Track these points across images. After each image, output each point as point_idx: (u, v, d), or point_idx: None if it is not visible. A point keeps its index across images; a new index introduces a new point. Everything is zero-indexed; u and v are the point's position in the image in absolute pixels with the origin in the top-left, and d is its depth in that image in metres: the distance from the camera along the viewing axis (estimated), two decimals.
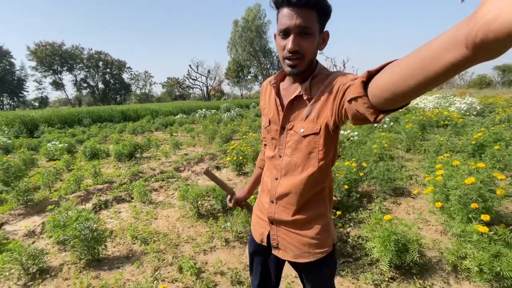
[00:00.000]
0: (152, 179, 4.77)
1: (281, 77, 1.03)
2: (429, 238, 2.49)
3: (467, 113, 9.90)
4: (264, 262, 1.15)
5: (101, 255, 2.52)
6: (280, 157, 1.00)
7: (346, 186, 3.11)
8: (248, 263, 1.29)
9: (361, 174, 3.52)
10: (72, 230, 2.30)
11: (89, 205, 3.69)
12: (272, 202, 1.02)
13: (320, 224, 0.98)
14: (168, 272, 2.26)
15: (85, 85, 55.37)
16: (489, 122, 7.63)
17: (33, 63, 47.84)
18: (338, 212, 2.54)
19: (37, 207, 3.81)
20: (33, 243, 2.88)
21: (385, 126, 8.03)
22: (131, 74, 62.54)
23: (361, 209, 3.12)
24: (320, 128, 0.88)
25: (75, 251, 2.38)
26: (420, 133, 6.50)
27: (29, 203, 3.83)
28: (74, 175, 4.52)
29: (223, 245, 2.62)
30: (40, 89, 51.34)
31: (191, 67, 45.01)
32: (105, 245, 2.65)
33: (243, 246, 2.60)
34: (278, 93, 1.01)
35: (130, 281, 2.15)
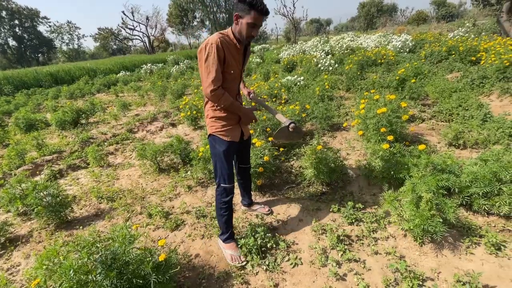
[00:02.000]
0: (105, 143, 4.68)
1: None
2: (354, 160, 3.12)
3: (401, 50, 10.84)
4: (234, 151, 1.90)
5: (69, 218, 2.66)
6: (240, 90, 1.93)
7: None
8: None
9: (303, 115, 3.97)
10: (32, 199, 2.36)
11: (41, 177, 3.60)
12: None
13: None
14: (139, 220, 2.55)
15: None
16: (416, 58, 8.59)
17: None
18: (282, 149, 2.98)
19: None
20: None
21: (330, 68, 8.52)
22: (50, 26, 51.74)
23: (303, 145, 3.63)
24: None
25: (41, 217, 2.48)
26: (359, 73, 7.13)
27: None
28: (14, 150, 4.20)
29: (186, 191, 2.94)
30: None
31: (125, 14, 38.73)
32: (72, 208, 2.78)
33: (204, 189, 2.96)
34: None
35: (103, 232, 2.40)
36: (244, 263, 1.87)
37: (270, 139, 2.86)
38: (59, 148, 4.65)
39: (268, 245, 1.98)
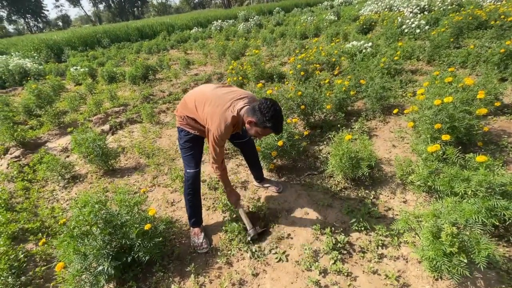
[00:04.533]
0: (160, 101, 5.14)
1: None
2: (396, 155, 2.63)
3: None
4: (200, 139, 1.96)
5: (115, 167, 3.15)
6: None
7: (328, 106, 3.14)
8: None
9: (352, 92, 3.44)
10: (85, 148, 2.85)
11: (107, 126, 4.28)
12: None
13: None
14: (164, 180, 2.83)
15: None
16: None
17: None
18: (306, 132, 2.70)
19: (68, 130, 4.52)
20: (67, 157, 3.63)
21: (418, 31, 6.93)
22: None
23: (343, 128, 3.22)
24: None
25: (93, 163, 3.00)
26: (452, 40, 5.59)
27: (61, 125, 4.55)
28: (94, 99, 5.04)
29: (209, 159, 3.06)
30: (58, 6, 49.84)
31: None
32: (119, 159, 3.27)
33: (227, 161, 3.02)
34: None
35: (134, 185, 2.77)
36: (205, 250, 1.91)
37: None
38: (126, 101, 5.35)
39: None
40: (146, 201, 2.38)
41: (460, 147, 2.21)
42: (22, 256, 1.89)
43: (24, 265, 1.84)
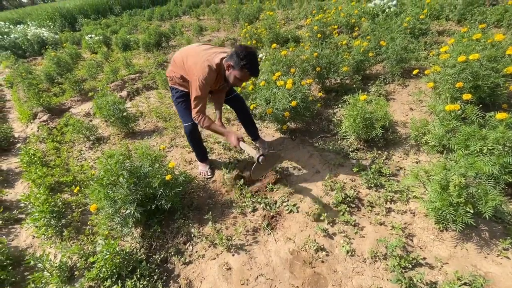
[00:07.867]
0: None
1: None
2: (412, 117, 2.57)
3: None
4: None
5: (135, 130, 3.31)
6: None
7: (345, 68, 3.04)
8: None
9: (371, 54, 3.29)
10: (105, 111, 2.99)
11: (124, 92, 4.40)
12: None
13: None
14: (181, 141, 2.95)
15: None
16: None
17: None
18: (320, 94, 2.66)
19: (89, 95, 4.69)
20: (90, 121, 3.82)
21: None
22: None
23: (360, 91, 3.14)
24: None
25: (114, 126, 3.16)
26: None
27: (82, 92, 4.72)
28: (111, 67, 5.12)
29: (224, 122, 3.13)
30: None
31: None
32: (138, 123, 3.42)
33: (240, 125, 3.08)
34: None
35: (154, 146, 2.92)
36: (209, 177, 2.33)
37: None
38: (141, 68, 5.41)
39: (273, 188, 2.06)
40: (165, 158, 2.53)
41: (481, 109, 2.13)
42: (60, 203, 2.12)
43: (63, 210, 2.08)
